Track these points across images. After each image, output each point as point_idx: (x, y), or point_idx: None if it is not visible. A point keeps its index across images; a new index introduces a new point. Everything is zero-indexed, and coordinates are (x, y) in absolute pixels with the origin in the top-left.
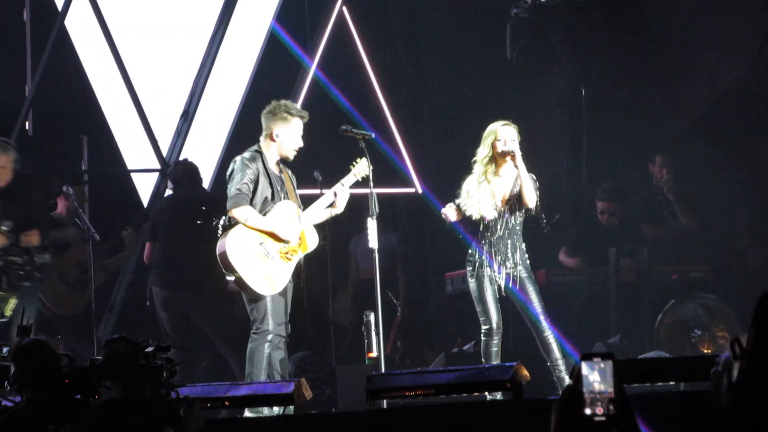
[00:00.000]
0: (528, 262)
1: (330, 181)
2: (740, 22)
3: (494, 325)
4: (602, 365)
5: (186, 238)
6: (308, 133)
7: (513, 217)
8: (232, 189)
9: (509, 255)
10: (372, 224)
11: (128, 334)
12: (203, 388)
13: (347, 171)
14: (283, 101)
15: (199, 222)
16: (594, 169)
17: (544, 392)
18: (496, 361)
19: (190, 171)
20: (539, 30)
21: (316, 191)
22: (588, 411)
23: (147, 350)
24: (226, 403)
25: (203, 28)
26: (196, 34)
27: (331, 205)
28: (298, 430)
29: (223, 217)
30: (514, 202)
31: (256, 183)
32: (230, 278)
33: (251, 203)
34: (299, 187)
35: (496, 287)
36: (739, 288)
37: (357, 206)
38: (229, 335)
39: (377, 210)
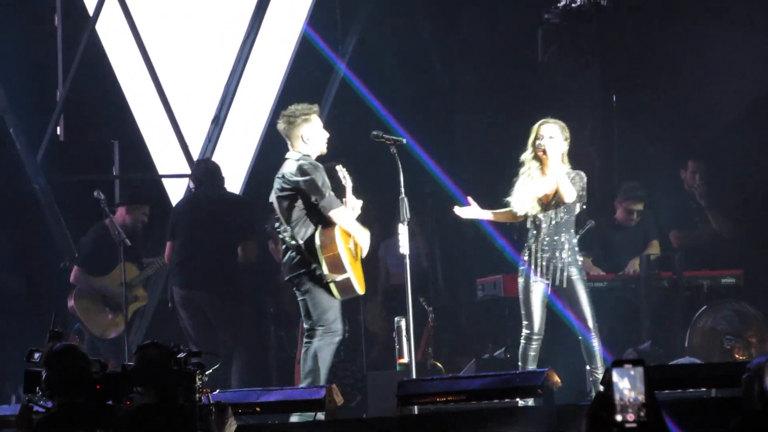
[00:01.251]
0: (580, 261)
1: (361, 185)
2: None
3: (535, 329)
4: (633, 372)
5: (205, 237)
6: (340, 138)
7: (559, 215)
8: (325, 192)
9: (556, 254)
10: (403, 230)
11: (159, 339)
12: (234, 394)
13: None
14: (290, 108)
15: (218, 222)
16: (625, 175)
17: (576, 398)
18: (532, 366)
19: (211, 171)
20: (570, 35)
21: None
22: (619, 417)
23: (179, 356)
24: (258, 408)
25: (235, 33)
26: (227, 38)
27: None
28: None
29: (284, 225)
30: (559, 199)
31: None
32: (338, 279)
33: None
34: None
35: (544, 289)
36: None
37: (387, 212)
38: (244, 338)
39: (408, 216)
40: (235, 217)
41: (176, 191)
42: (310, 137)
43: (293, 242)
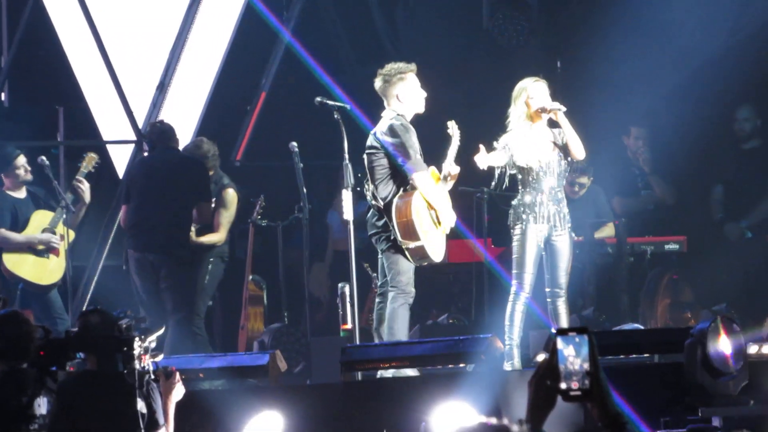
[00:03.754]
0: (570, 222)
1: (306, 151)
2: None
3: (526, 287)
4: (577, 339)
5: (159, 199)
6: (284, 104)
7: (561, 166)
8: (412, 155)
9: (556, 212)
10: (347, 196)
11: (103, 304)
12: (177, 360)
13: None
14: (387, 66)
15: (173, 184)
16: None
17: (520, 364)
18: (519, 326)
19: (165, 132)
20: (516, 2)
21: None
22: (563, 385)
23: (121, 322)
24: (201, 375)
25: None
26: (172, 4)
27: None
28: (273, 402)
29: (373, 187)
30: (552, 160)
31: None
32: (411, 246)
33: None
34: (279, 159)
35: (539, 248)
36: (714, 260)
37: (334, 177)
38: (185, 304)
39: (353, 181)
40: (190, 179)
41: (121, 157)
42: (406, 96)
43: (374, 201)
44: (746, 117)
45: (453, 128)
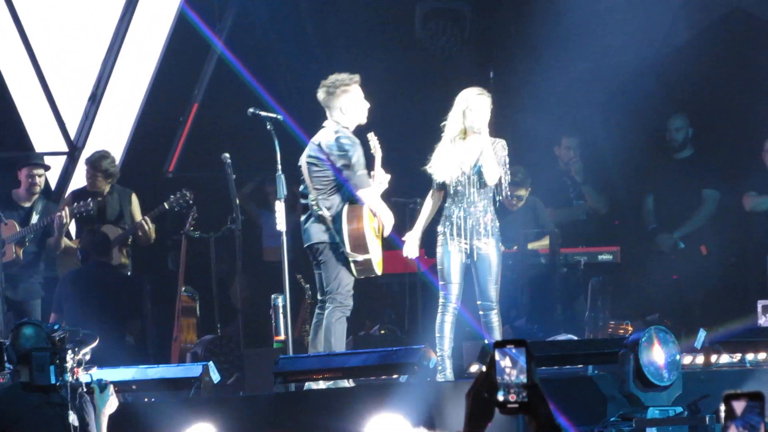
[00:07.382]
0: (498, 233)
1: (239, 163)
2: (647, 3)
3: (452, 298)
4: (515, 351)
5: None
6: (217, 116)
7: (482, 181)
8: (357, 170)
9: (480, 220)
10: (280, 207)
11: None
12: (110, 372)
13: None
14: (330, 78)
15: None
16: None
17: (454, 375)
18: (450, 337)
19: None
20: (448, 11)
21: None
22: (501, 398)
23: (54, 335)
24: (134, 387)
25: (111, 9)
26: (104, 15)
27: None
28: (206, 413)
29: (317, 198)
30: (475, 172)
31: None
32: (357, 258)
33: None
34: (212, 171)
35: (462, 259)
36: (647, 270)
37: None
38: (126, 316)
39: (285, 192)
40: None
41: (53, 168)
42: (349, 108)
43: (318, 211)
44: (678, 127)
45: (373, 140)
